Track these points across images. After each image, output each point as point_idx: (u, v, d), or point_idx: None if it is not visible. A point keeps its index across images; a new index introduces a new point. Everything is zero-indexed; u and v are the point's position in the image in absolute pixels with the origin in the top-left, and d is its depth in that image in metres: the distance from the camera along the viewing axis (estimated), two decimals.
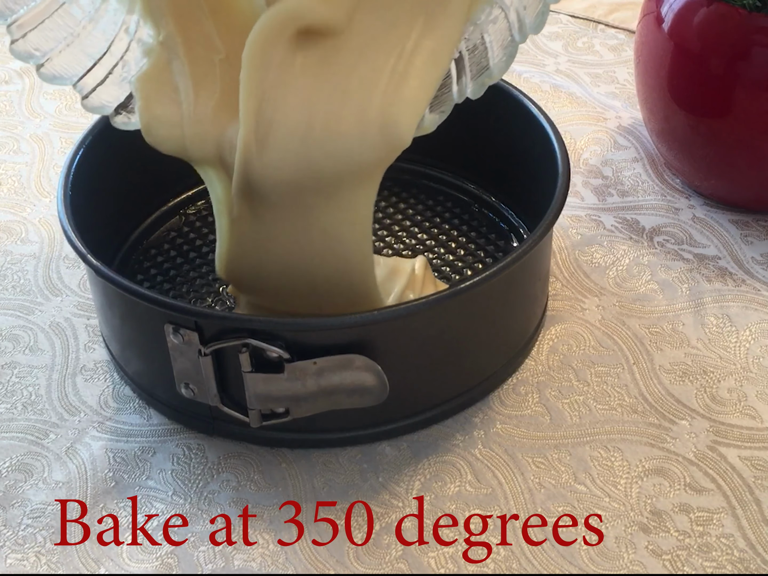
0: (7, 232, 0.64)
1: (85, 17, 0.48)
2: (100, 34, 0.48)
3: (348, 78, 0.45)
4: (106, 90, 0.49)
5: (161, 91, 0.48)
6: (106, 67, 0.49)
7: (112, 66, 0.49)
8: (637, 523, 0.47)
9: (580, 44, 0.80)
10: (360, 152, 0.45)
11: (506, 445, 0.50)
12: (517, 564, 0.46)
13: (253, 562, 0.46)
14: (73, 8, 0.47)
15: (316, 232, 0.48)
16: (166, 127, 0.48)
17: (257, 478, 0.49)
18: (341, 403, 0.47)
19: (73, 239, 0.50)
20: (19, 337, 0.57)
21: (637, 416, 0.51)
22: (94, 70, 0.49)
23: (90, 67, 0.48)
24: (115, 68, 0.49)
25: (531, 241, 0.49)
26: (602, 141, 0.69)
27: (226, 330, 0.46)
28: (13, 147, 0.72)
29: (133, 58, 0.49)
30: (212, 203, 0.50)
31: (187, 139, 0.48)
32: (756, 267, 0.59)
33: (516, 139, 0.59)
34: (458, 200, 0.64)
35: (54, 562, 0.46)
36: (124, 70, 0.49)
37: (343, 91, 0.45)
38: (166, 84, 0.48)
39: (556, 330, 0.56)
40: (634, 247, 0.61)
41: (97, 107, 0.49)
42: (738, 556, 0.46)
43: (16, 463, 0.51)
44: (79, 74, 0.48)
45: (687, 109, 0.60)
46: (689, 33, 0.58)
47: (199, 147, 0.48)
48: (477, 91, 0.47)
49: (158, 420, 0.52)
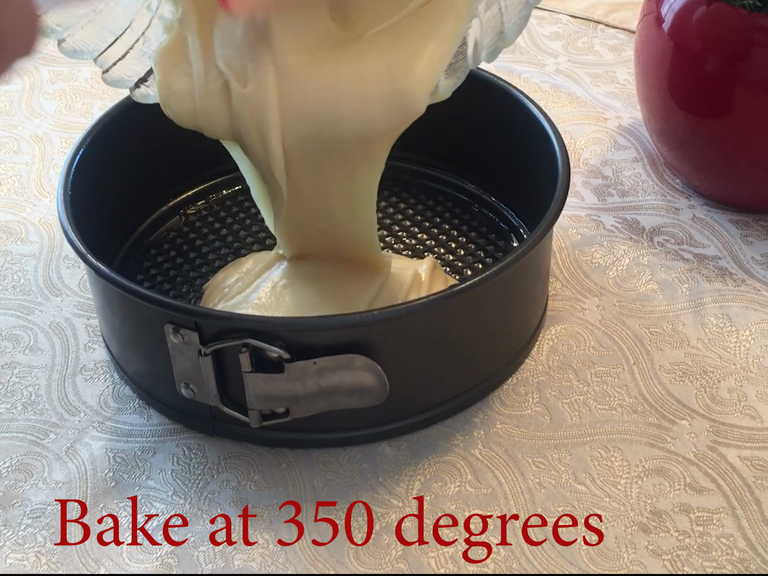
0: (7, 232, 0.64)
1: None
2: (122, 11, 0.49)
3: (363, 46, 0.45)
4: (127, 64, 0.49)
5: (178, 65, 0.48)
6: (127, 43, 0.49)
7: (133, 41, 0.49)
8: (637, 523, 0.47)
9: (580, 44, 0.80)
10: (374, 120, 0.46)
11: (506, 445, 0.50)
12: (517, 564, 0.46)
13: (253, 562, 0.46)
14: None
15: (334, 196, 0.50)
16: (181, 100, 0.48)
17: (257, 478, 0.49)
18: (341, 403, 0.47)
19: (73, 239, 0.50)
20: (19, 337, 0.57)
21: (637, 416, 0.51)
22: (115, 44, 0.49)
23: (111, 42, 0.49)
24: (136, 43, 0.49)
25: (531, 241, 0.49)
26: (602, 141, 0.69)
27: (226, 330, 0.46)
28: (13, 147, 0.72)
29: (153, 34, 0.49)
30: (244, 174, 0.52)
31: (199, 113, 0.48)
32: (756, 267, 0.59)
33: (516, 139, 0.59)
34: (458, 200, 0.64)
35: (54, 562, 0.46)
36: (145, 45, 0.49)
37: (357, 59, 0.45)
38: (183, 59, 0.48)
39: (556, 330, 0.56)
40: (634, 247, 0.61)
41: (117, 81, 0.50)
42: (738, 556, 0.46)
43: (16, 463, 0.51)
44: (100, 49, 0.49)
45: (687, 109, 0.60)
46: (689, 33, 0.58)
47: (209, 120, 0.48)
48: (492, 56, 0.45)
49: (158, 420, 0.52)
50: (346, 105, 0.46)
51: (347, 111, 0.46)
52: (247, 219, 0.63)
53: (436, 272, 0.56)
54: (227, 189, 0.65)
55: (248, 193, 0.63)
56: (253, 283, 0.55)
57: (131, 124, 0.58)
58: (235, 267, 0.58)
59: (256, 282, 0.55)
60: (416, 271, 0.55)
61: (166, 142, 0.60)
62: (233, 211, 0.64)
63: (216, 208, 0.64)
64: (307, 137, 0.47)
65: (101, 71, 0.49)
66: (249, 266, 0.57)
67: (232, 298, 0.54)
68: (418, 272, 0.55)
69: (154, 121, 0.56)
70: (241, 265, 0.58)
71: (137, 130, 0.58)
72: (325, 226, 0.52)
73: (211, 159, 0.63)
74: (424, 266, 0.56)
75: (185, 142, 0.58)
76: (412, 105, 0.45)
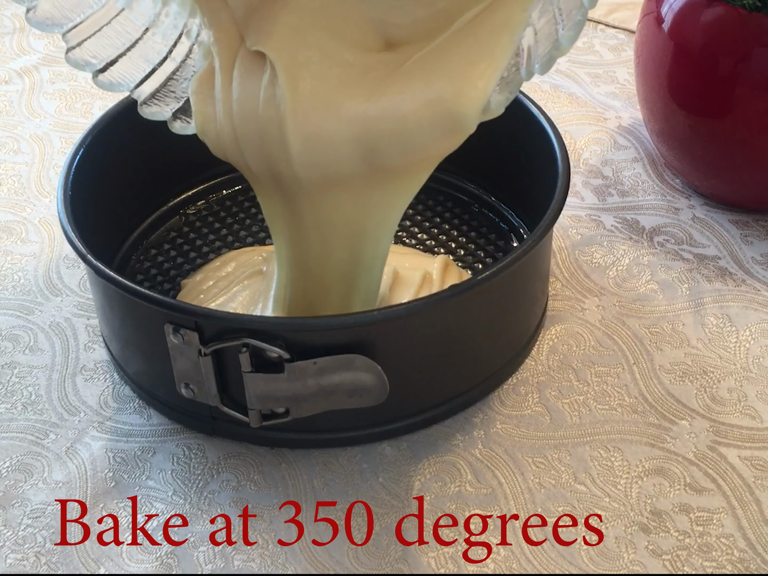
0: (7, 232, 0.64)
1: (145, 22, 0.46)
2: (160, 39, 0.47)
3: (411, 68, 0.44)
4: (165, 95, 0.48)
5: (210, 93, 0.47)
6: (165, 72, 0.48)
7: (172, 71, 0.48)
8: (637, 523, 0.47)
9: (580, 44, 0.80)
10: (426, 146, 0.44)
11: (506, 445, 0.50)
12: (517, 564, 0.46)
13: (253, 562, 0.46)
14: (133, 14, 0.46)
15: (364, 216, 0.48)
16: (211, 126, 0.47)
17: (257, 478, 0.49)
18: (341, 403, 0.47)
19: (73, 239, 0.50)
20: (19, 337, 0.57)
21: (637, 416, 0.51)
22: (154, 75, 0.48)
23: (149, 72, 0.48)
24: (177, 72, 0.48)
25: (531, 241, 0.49)
26: (602, 141, 0.69)
27: (226, 330, 0.46)
28: (13, 147, 0.72)
29: (192, 62, 0.48)
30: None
31: (219, 138, 0.47)
32: (756, 267, 0.59)
33: (516, 139, 0.59)
34: (458, 200, 0.64)
35: (54, 562, 0.46)
36: (184, 73, 0.48)
37: (406, 78, 0.43)
38: (213, 85, 0.47)
39: (556, 330, 0.56)
40: (634, 247, 0.61)
41: (156, 113, 0.49)
42: (738, 556, 0.46)
43: (16, 463, 0.51)
44: (137, 80, 0.47)
45: (687, 109, 0.60)
46: (689, 33, 0.58)
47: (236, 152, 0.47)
48: (545, 67, 0.41)
49: (158, 420, 0.52)
50: (395, 132, 0.44)
51: (393, 135, 0.44)
52: (247, 219, 0.63)
53: (450, 270, 0.56)
54: (227, 189, 0.65)
55: (248, 193, 0.64)
56: (231, 290, 0.55)
57: (131, 124, 0.58)
58: (214, 271, 0.57)
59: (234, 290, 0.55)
60: (426, 272, 0.55)
61: (166, 142, 0.60)
62: (233, 211, 0.64)
63: (216, 208, 0.64)
64: (350, 162, 0.45)
65: (139, 103, 0.48)
66: (229, 270, 0.57)
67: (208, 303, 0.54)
68: (428, 272, 0.55)
69: (154, 121, 0.56)
70: (219, 269, 0.57)
71: (137, 129, 0.58)
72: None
73: (211, 159, 0.63)
74: (435, 264, 0.56)
75: (185, 142, 0.58)
76: (464, 126, 0.44)
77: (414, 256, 0.58)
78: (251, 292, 0.55)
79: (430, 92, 0.43)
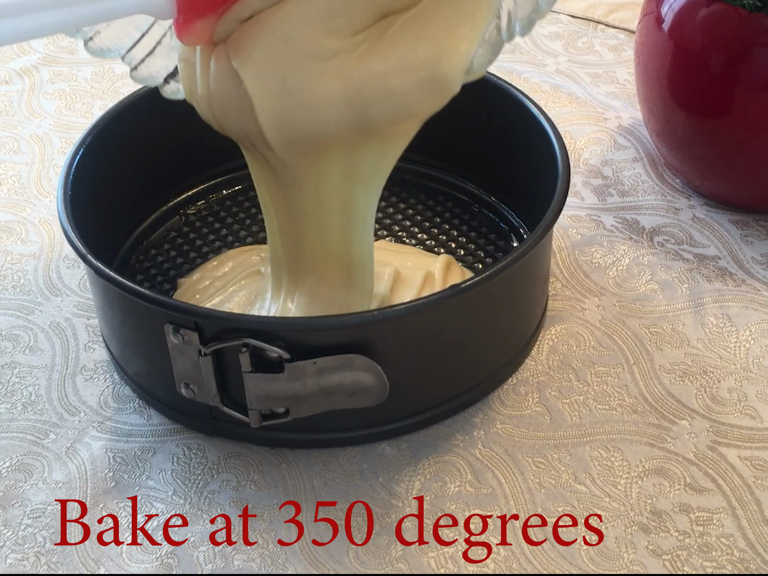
0: (7, 232, 0.64)
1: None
2: None
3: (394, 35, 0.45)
4: (155, 61, 0.49)
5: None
6: (154, 38, 0.48)
7: (160, 36, 0.48)
8: (637, 523, 0.47)
9: (580, 44, 0.80)
10: (410, 105, 0.45)
11: (506, 445, 0.50)
12: (517, 564, 0.46)
13: (253, 562, 0.46)
14: None
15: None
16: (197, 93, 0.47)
17: (257, 478, 0.49)
18: (341, 403, 0.47)
19: (73, 239, 0.50)
20: (19, 337, 0.57)
21: (637, 416, 0.51)
22: (142, 41, 0.48)
23: (138, 39, 0.48)
24: (164, 38, 0.49)
25: (531, 241, 0.49)
26: (602, 141, 0.69)
27: (226, 330, 0.46)
28: (13, 147, 0.72)
29: None
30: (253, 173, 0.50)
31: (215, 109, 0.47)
32: (756, 267, 0.59)
33: (516, 140, 0.59)
34: (458, 200, 0.64)
35: (54, 562, 0.46)
36: (172, 39, 0.48)
37: (390, 44, 0.45)
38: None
39: (556, 330, 0.56)
40: (634, 247, 0.61)
41: (146, 78, 0.49)
42: (738, 556, 0.46)
43: (16, 463, 0.51)
44: (127, 46, 0.48)
45: (687, 109, 0.60)
46: (689, 33, 0.58)
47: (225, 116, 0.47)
48: (526, 29, 0.43)
49: (158, 420, 0.52)
50: (380, 95, 0.45)
51: (381, 100, 0.45)
52: (247, 219, 0.63)
53: (452, 269, 0.56)
54: (227, 189, 0.65)
55: (248, 193, 0.64)
56: (228, 290, 0.55)
57: (131, 124, 0.58)
58: (211, 270, 0.57)
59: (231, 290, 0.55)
60: (428, 271, 0.55)
61: (165, 142, 0.60)
62: (233, 211, 0.64)
63: (216, 208, 0.64)
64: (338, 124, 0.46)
65: (129, 69, 0.49)
66: (226, 269, 0.57)
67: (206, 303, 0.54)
68: (430, 272, 0.55)
69: (154, 121, 0.56)
70: (216, 269, 0.57)
71: (137, 130, 0.58)
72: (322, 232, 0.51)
73: (211, 159, 0.63)
74: (437, 264, 0.56)
75: (185, 142, 0.58)
76: (448, 87, 0.44)
77: (416, 255, 0.58)
78: (248, 293, 0.55)
79: (415, 56, 0.44)
